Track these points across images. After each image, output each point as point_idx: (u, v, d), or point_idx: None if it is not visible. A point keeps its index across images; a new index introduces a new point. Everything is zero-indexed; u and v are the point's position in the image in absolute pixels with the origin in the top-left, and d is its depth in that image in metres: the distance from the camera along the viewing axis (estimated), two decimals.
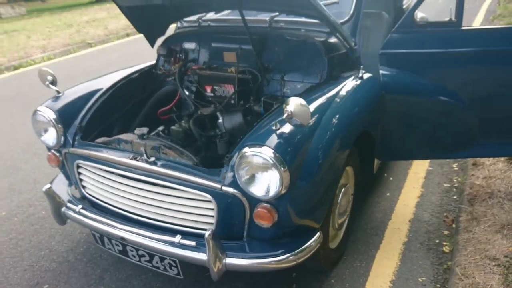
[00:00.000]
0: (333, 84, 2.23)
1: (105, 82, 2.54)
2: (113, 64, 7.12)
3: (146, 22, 2.71)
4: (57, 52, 8.99)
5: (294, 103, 1.62)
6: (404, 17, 2.45)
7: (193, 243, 1.81)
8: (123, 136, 2.07)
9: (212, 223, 1.84)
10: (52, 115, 2.22)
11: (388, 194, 2.94)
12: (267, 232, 1.79)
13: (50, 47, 9.30)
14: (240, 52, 2.49)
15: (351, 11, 2.49)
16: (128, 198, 2.02)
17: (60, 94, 2.34)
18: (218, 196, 1.78)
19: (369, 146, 2.39)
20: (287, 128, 1.70)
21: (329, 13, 2.12)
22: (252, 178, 1.68)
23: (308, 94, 2.11)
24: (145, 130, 2.02)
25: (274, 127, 1.69)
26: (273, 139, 1.67)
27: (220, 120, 2.29)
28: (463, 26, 2.41)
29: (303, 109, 1.62)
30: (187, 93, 2.65)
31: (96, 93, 2.42)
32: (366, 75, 2.39)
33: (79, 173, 2.23)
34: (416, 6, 2.41)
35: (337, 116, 1.96)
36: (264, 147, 1.64)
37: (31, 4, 22.02)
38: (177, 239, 1.83)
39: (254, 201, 1.73)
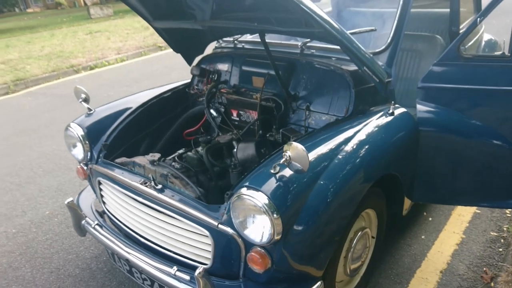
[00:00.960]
0: (357, 120, 2.08)
1: (137, 100, 2.61)
2: (177, 69, 7.39)
3: (183, 42, 2.75)
4: (129, 54, 9.56)
5: (293, 148, 1.54)
6: (448, 48, 2.23)
7: (187, 277, 1.79)
8: (138, 160, 2.11)
9: (209, 258, 1.80)
10: (80, 132, 2.33)
11: (423, 237, 2.70)
12: (262, 276, 1.71)
13: (124, 49, 9.91)
14: (268, 77, 2.43)
15: (389, 40, 2.31)
16: (137, 221, 2.06)
17: (92, 111, 2.46)
18: (214, 232, 1.74)
19: (396, 188, 2.20)
20: (286, 172, 1.61)
21: (356, 45, 1.98)
22: (245, 220, 1.61)
23: (326, 131, 1.99)
24: (156, 156, 2.04)
25: (272, 170, 1.61)
26: (270, 184, 1.59)
27: (235, 150, 2.25)
28: None
29: (302, 155, 1.53)
30: (215, 114, 2.64)
31: (126, 111, 2.50)
32: (399, 111, 2.21)
33: (100, 189, 2.31)
34: (463, 37, 2.18)
35: (352, 158, 1.82)
36: (259, 192, 1.56)
37: (118, 5, 23.68)
38: (173, 270, 1.82)
39: (249, 244, 1.66)
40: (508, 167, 2.23)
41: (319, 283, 1.76)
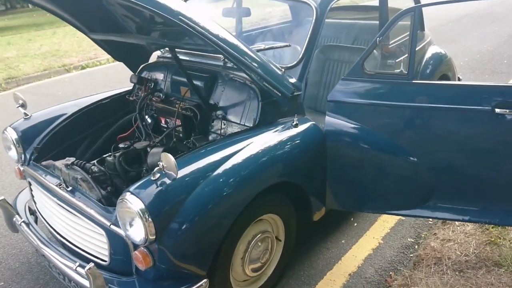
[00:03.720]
0: (258, 130, 2.23)
1: (75, 106, 2.80)
2: None
3: (124, 52, 2.92)
4: None
5: (165, 158, 1.71)
6: (353, 65, 2.37)
7: (84, 272, 1.96)
8: (57, 163, 2.29)
9: (107, 255, 1.98)
10: (14, 136, 2.52)
11: (343, 241, 2.84)
12: (149, 272, 1.88)
13: None
14: (192, 87, 2.59)
15: (300, 56, 2.46)
16: (54, 219, 2.25)
17: (28, 117, 2.65)
18: (108, 232, 1.92)
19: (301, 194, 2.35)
20: (163, 179, 1.78)
21: (255, 62, 2.14)
22: (128, 222, 1.79)
23: (226, 140, 2.15)
24: (71, 160, 2.23)
25: (153, 177, 1.78)
26: (148, 190, 1.76)
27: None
28: (415, 80, 2.27)
29: (172, 164, 1.70)
30: (149, 121, 2.82)
31: (62, 116, 2.69)
32: (305, 123, 2.36)
33: (31, 189, 2.51)
34: (365, 54, 2.32)
35: (238, 167, 1.97)
36: (137, 198, 1.73)
37: None
38: (74, 265, 1.99)
39: (135, 243, 1.84)
40: (405, 179, 2.36)
41: (204, 281, 1.92)
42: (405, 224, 2.97)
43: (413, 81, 2.26)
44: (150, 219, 1.70)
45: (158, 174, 1.78)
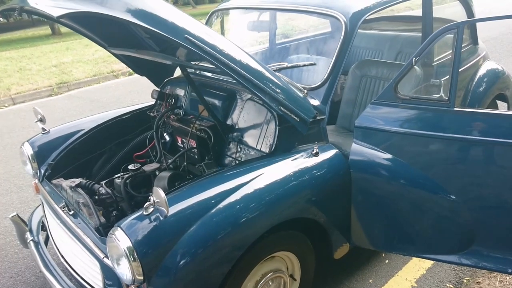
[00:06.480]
0: (274, 158, 2.02)
1: (94, 121, 2.73)
2: None
3: (147, 66, 2.82)
4: None
5: (155, 193, 1.55)
6: (385, 88, 2.10)
7: None
8: (64, 183, 2.22)
9: (101, 286, 1.86)
10: (30, 151, 2.49)
11: (370, 280, 2.54)
12: None
13: None
14: (210, 106, 2.43)
15: (325, 76, 2.22)
16: (59, 239, 2.17)
17: (46, 131, 2.61)
18: (102, 263, 1.79)
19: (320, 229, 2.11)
20: (155, 214, 1.62)
21: (270, 85, 1.93)
22: (114, 259, 1.64)
23: (235, 170, 1.95)
24: (76, 181, 2.14)
25: (145, 212, 1.63)
26: (138, 228, 1.60)
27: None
28: (457, 107, 1.95)
29: (162, 200, 1.53)
30: (167, 139, 2.69)
31: (79, 132, 2.63)
32: (327, 151, 2.12)
33: (43, 206, 2.46)
34: (400, 76, 2.04)
35: (243, 201, 1.77)
36: (125, 236, 1.58)
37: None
38: None
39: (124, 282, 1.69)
40: (445, 216, 2.05)
41: None
42: (444, 265, 2.62)
43: (455, 109, 1.94)
44: (137, 259, 1.55)
45: (151, 209, 1.63)
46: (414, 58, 1.98)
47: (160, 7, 1.76)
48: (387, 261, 2.70)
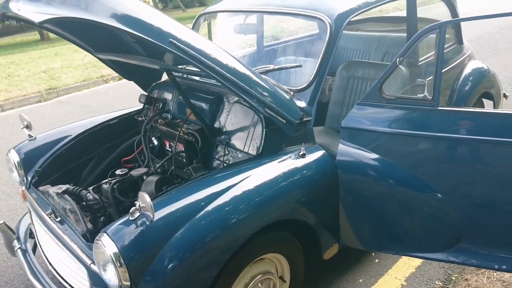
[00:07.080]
0: (261, 160, 2.03)
1: (81, 126, 2.72)
2: None
3: (134, 71, 2.82)
4: None
5: (141, 198, 1.54)
6: (370, 88, 2.11)
7: None
8: (51, 190, 2.20)
9: None
10: (16, 158, 2.47)
11: (360, 280, 2.55)
12: None
13: None
14: (197, 110, 2.43)
15: (311, 78, 2.23)
16: (46, 246, 2.15)
17: (32, 138, 2.59)
18: (89, 270, 1.78)
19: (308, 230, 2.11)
20: (142, 219, 1.61)
21: (258, 83, 1.94)
22: (100, 265, 1.63)
23: (222, 173, 1.95)
24: (63, 187, 2.12)
25: (131, 217, 1.62)
26: (125, 233, 1.59)
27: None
28: (441, 106, 1.97)
29: (148, 205, 1.53)
30: (155, 143, 2.69)
31: (66, 138, 2.61)
32: (314, 152, 2.13)
33: (31, 213, 2.43)
34: (384, 77, 2.06)
35: (230, 203, 1.77)
36: (109, 239, 1.57)
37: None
38: None
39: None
40: (433, 215, 2.07)
41: None
42: (433, 264, 2.64)
43: (439, 108, 1.96)
44: (123, 264, 1.54)
45: (137, 214, 1.62)
46: (398, 59, 2.00)
47: (144, 11, 1.76)
48: (377, 261, 2.71)
